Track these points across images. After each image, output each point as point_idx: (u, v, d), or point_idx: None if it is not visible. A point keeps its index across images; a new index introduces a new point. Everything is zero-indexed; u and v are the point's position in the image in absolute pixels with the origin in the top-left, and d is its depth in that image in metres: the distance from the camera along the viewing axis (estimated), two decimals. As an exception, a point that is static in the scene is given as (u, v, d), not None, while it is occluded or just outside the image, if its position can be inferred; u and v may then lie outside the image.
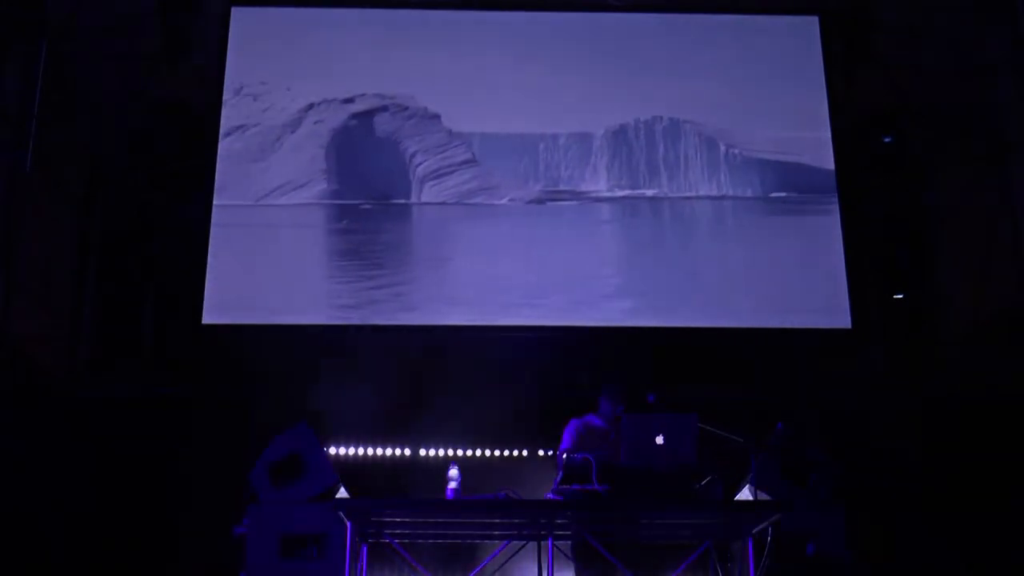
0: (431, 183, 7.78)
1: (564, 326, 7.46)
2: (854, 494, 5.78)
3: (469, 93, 7.91)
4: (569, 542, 5.38)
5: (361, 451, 7.48)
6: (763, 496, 5.29)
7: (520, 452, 7.50)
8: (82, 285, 8.45)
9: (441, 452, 7.47)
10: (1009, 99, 7.72)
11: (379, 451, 7.49)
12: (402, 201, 7.79)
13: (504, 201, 7.76)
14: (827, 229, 7.77)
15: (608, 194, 7.85)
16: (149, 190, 8.47)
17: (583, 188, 7.83)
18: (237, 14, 8.06)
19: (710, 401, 6.06)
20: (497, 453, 7.50)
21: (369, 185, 7.82)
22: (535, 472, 7.21)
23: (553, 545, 4.89)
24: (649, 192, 7.87)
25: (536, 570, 5.34)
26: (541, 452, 7.44)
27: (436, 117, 7.88)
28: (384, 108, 7.92)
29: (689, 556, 5.02)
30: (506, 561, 5.52)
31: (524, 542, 5.33)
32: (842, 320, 7.50)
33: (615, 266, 7.68)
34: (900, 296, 8.55)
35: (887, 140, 8.58)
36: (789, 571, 5.08)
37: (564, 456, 5.11)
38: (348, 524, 4.79)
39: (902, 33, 8.09)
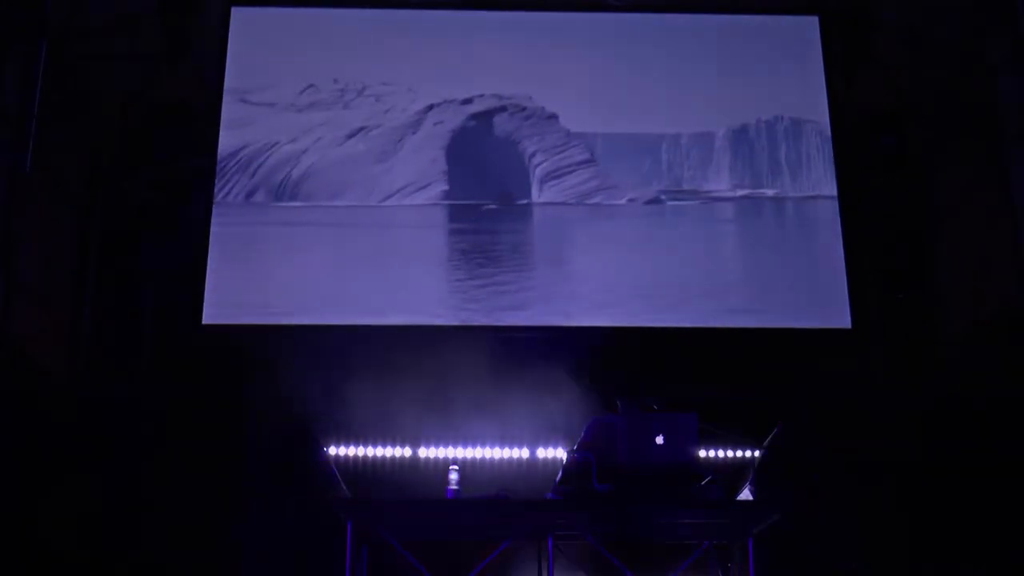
0: (550, 183, 7.83)
1: (564, 326, 7.47)
2: (853, 494, 5.78)
3: (588, 94, 8.02)
4: (569, 543, 5.37)
5: (361, 451, 7.48)
6: (763, 496, 5.30)
7: (520, 452, 7.50)
8: (82, 285, 8.45)
9: (441, 452, 7.47)
10: (1009, 99, 7.72)
11: (379, 451, 7.49)
12: (523, 201, 7.85)
13: (623, 201, 7.78)
14: (827, 229, 7.78)
15: (729, 193, 7.92)
16: (149, 190, 8.48)
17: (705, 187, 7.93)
18: (237, 14, 8.07)
19: (710, 401, 6.07)
20: (497, 453, 7.50)
21: (489, 185, 7.91)
22: (535, 472, 7.21)
23: (553, 545, 4.89)
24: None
25: (536, 570, 5.34)
26: (541, 452, 7.44)
27: (554, 117, 7.95)
28: (503, 108, 8.00)
29: (689, 556, 5.02)
30: (506, 561, 5.51)
31: (524, 542, 5.32)
32: (842, 320, 7.51)
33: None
34: (900, 296, 8.55)
35: (887, 140, 8.57)
36: (789, 572, 5.09)
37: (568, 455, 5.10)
38: (348, 524, 4.79)
39: (902, 33, 8.10)
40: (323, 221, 7.80)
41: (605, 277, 7.62)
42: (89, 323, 8.42)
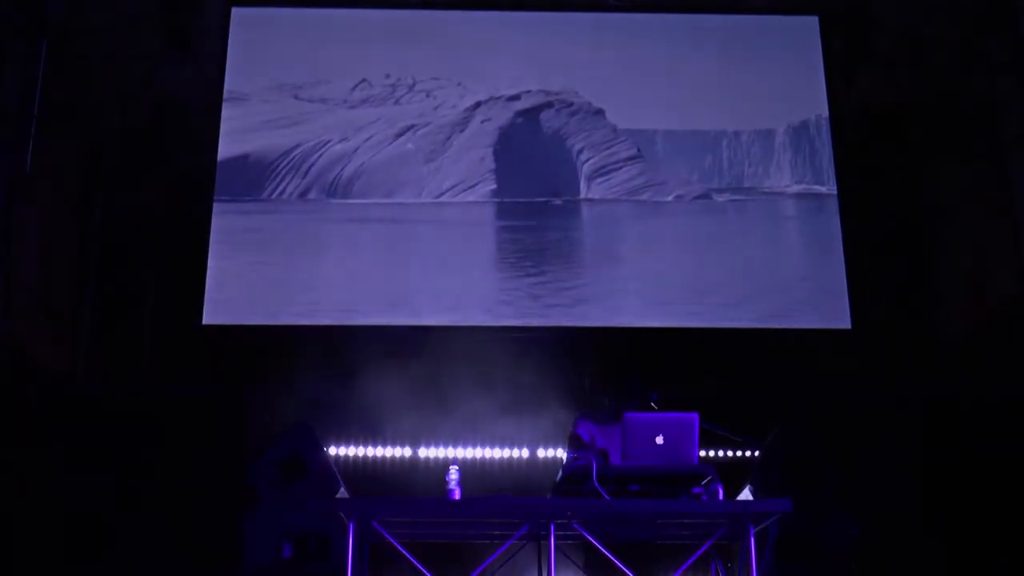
0: (599, 180, 7.91)
1: (564, 327, 7.48)
2: (853, 494, 5.78)
3: (644, 90, 8.10)
4: (569, 543, 5.37)
5: (361, 451, 7.48)
6: (763, 496, 5.30)
7: (520, 452, 7.49)
8: (82, 285, 8.45)
9: (441, 452, 7.46)
10: (1009, 99, 7.72)
11: (379, 451, 7.49)
12: (572, 198, 7.94)
13: (670, 199, 7.84)
14: (827, 229, 7.79)
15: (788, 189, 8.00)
16: (149, 190, 8.48)
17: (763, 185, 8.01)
18: (237, 14, 8.08)
19: (710, 401, 6.06)
20: (497, 453, 7.49)
21: (537, 183, 7.98)
22: (535, 472, 7.21)
23: (553, 545, 4.89)
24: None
25: (536, 570, 5.33)
26: (541, 452, 7.44)
27: (601, 113, 8.02)
28: (549, 105, 8.07)
29: (689, 556, 5.02)
30: (506, 561, 5.51)
31: (524, 542, 5.32)
32: (842, 320, 7.51)
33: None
34: (900, 296, 8.55)
35: (887, 140, 8.57)
36: (790, 571, 5.08)
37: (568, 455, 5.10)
38: (349, 524, 4.79)
39: (902, 33, 8.10)
40: (372, 218, 7.89)
41: (655, 274, 7.71)
42: (89, 323, 8.42)
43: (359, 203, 7.90)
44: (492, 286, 7.66)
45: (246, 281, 7.61)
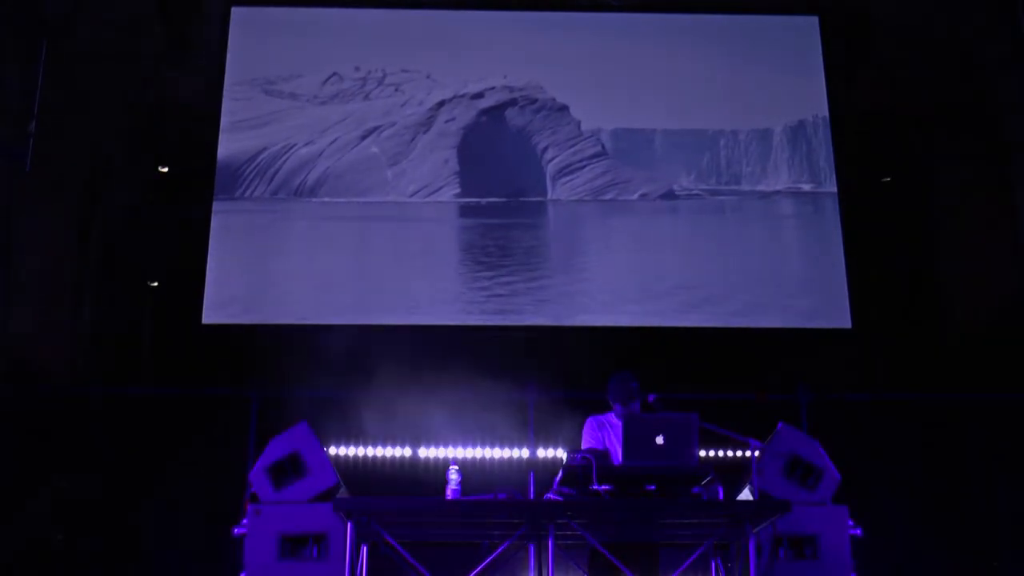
0: (563, 179, 7.93)
1: (564, 327, 7.48)
2: (854, 494, 5.78)
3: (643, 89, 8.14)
4: (569, 543, 5.37)
5: (361, 451, 7.48)
6: (763, 496, 5.30)
7: (520, 452, 7.49)
8: (82, 285, 8.45)
9: (441, 452, 7.46)
10: (1009, 99, 7.73)
11: (379, 451, 7.49)
12: (537, 199, 7.97)
13: (635, 197, 7.90)
14: (827, 229, 7.79)
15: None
16: (149, 190, 8.48)
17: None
18: (237, 14, 8.08)
19: (710, 401, 6.07)
20: (497, 453, 7.49)
21: (503, 183, 8.03)
22: (535, 472, 7.21)
23: (553, 545, 4.89)
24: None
25: (536, 570, 5.33)
26: (541, 452, 7.44)
27: (565, 109, 8.08)
28: (513, 102, 8.14)
29: (689, 556, 5.02)
30: (506, 561, 5.51)
31: (524, 542, 5.32)
32: (842, 320, 7.51)
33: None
34: (900, 296, 8.55)
35: (887, 140, 8.58)
36: (790, 571, 5.08)
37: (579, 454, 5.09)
38: (348, 524, 4.79)
39: (902, 33, 8.10)
40: (339, 216, 7.89)
41: (619, 274, 7.70)
42: (89, 323, 8.42)
43: (322, 202, 7.90)
44: (456, 286, 7.65)
45: (246, 281, 7.62)
